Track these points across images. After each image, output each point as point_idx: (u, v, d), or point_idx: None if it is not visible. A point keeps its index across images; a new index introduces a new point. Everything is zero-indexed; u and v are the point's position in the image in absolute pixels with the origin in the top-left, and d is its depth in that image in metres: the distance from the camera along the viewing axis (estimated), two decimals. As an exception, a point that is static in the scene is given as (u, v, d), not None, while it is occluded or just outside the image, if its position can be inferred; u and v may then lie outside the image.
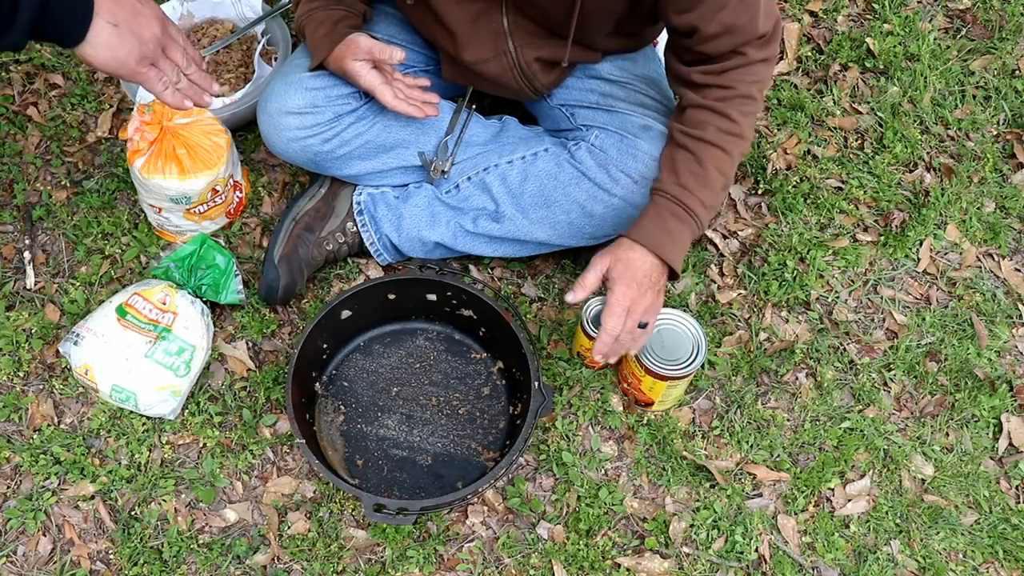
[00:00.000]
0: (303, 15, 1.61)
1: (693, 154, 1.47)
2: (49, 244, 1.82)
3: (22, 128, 1.94)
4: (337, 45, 1.56)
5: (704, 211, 1.47)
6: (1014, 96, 2.08)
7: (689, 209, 1.45)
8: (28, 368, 1.68)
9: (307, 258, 1.70)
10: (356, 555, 1.55)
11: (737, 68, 1.45)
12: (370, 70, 1.56)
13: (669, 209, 1.46)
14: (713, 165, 1.46)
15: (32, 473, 1.59)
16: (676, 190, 1.46)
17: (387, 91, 1.57)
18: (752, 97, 1.47)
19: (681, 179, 1.46)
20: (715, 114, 1.47)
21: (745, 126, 1.48)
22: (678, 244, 1.46)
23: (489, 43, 1.56)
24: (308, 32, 1.60)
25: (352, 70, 1.56)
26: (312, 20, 1.59)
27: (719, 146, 1.46)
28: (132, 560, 1.53)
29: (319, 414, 1.65)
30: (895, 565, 1.57)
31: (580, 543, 1.56)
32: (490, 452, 1.63)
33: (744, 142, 1.49)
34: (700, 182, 1.46)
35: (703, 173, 1.46)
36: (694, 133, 1.47)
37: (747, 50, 1.44)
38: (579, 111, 1.69)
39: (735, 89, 1.46)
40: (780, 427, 1.68)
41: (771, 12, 1.44)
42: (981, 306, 1.82)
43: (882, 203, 1.93)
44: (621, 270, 1.43)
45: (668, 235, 1.45)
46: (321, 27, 1.58)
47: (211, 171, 1.68)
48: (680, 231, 1.46)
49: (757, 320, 1.78)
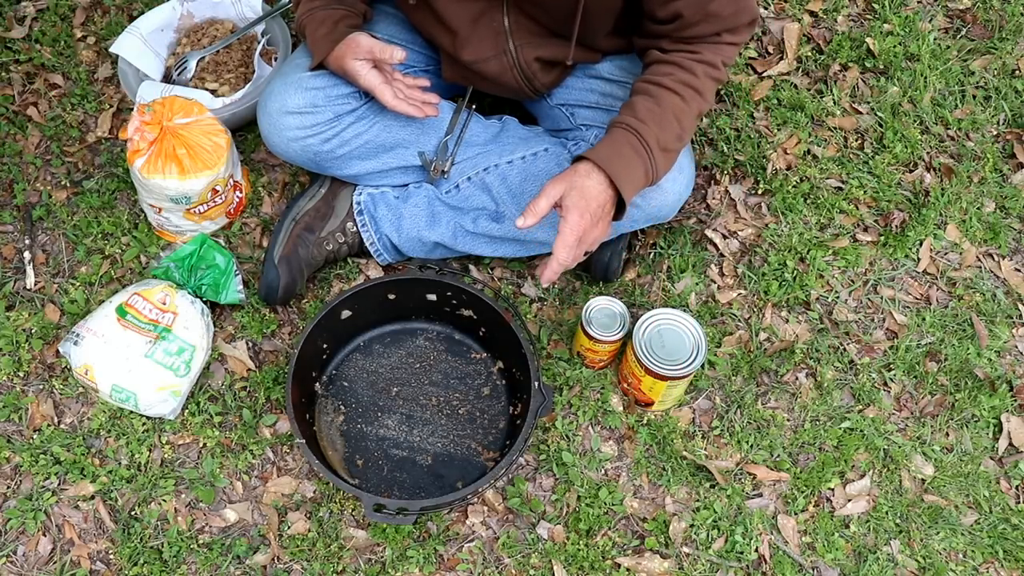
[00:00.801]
0: (303, 14, 1.61)
1: (652, 97, 1.46)
2: (49, 244, 1.82)
3: (22, 128, 1.94)
4: (338, 44, 1.56)
5: (659, 150, 1.45)
6: (1014, 96, 2.07)
7: (644, 141, 1.43)
8: (28, 368, 1.68)
9: (307, 258, 1.70)
10: (356, 555, 1.55)
11: (708, 43, 1.46)
12: (370, 69, 1.56)
13: (626, 138, 1.44)
14: (670, 109, 1.45)
15: (32, 473, 1.59)
16: (633, 122, 1.44)
17: (387, 91, 1.56)
18: (715, 65, 1.48)
19: (639, 114, 1.45)
20: (678, 67, 1.47)
21: (706, 86, 1.48)
22: (633, 175, 1.44)
23: (489, 42, 1.56)
24: (308, 31, 1.60)
25: (352, 69, 1.56)
26: (313, 19, 1.59)
27: (677, 93, 1.46)
28: (132, 560, 1.53)
29: (319, 414, 1.65)
30: (895, 565, 1.57)
31: (580, 543, 1.56)
32: (490, 452, 1.63)
33: (703, 100, 1.48)
34: (656, 120, 1.44)
35: (660, 112, 1.45)
36: (654, 79, 1.47)
37: (722, 33, 1.45)
38: (579, 111, 1.69)
39: (701, 54, 1.46)
40: (780, 427, 1.68)
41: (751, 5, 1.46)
42: (981, 306, 1.82)
43: (882, 203, 1.93)
44: (576, 198, 1.40)
45: (625, 163, 1.43)
46: (322, 26, 1.58)
47: (211, 171, 1.68)
48: (635, 163, 1.44)
49: (757, 320, 1.78)
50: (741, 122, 2.00)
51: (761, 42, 2.13)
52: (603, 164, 1.41)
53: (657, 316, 1.59)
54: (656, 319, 1.59)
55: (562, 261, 1.41)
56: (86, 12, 2.11)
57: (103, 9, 2.12)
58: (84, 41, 2.07)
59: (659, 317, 1.59)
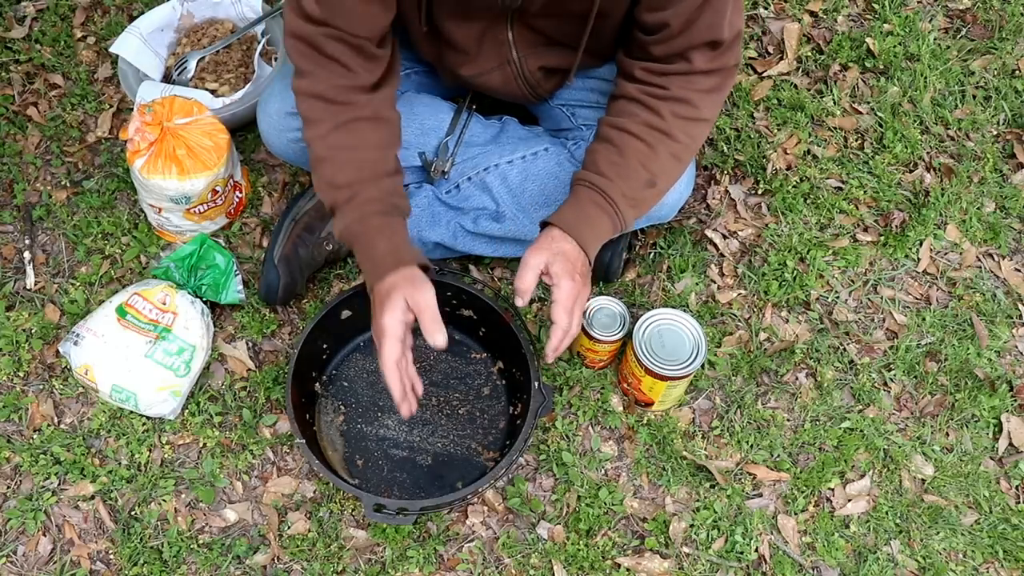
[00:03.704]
0: (353, 222, 1.40)
1: (615, 145, 1.43)
2: (49, 244, 1.82)
3: (22, 128, 1.95)
4: (402, 268, 1.37)
5: (626, 203, 1.42)
6: (1014, 96, 2.07)
7: (609, 198, 1.41)
8: (28, 368, 1.68)
9: (307, 258, 1.70)
10: (356, 555, 1.55)
11: (678, 74, 1.41)
12: (399, 340, 1.37)
13: (590, 197, 1.42)
14: (634, 157, 1.42)
15: (32, 473, 1.59)
16: (595, 178, 1.42)
17: (393, 353, 1.37)
18: (688, 101, 1.42)
19: (600, 168, 1.42)
20: (644, 107, 1.43)
21: (675, 127, 1.43)
22: (597, 233, 1.42)
23: (493, 54, 1.55)
24: (367, 241, 1.40)
25: (389, 318, 1.36)
26: (370, 227, 1.39)
27: (642, 139, 1.42)
28: (132, 560, 1.53)
29: (319, 414, 1.65)
30: (895, 565, 1.57)
31: (580, 543, 1.56)
32: (490, 452, 1.63)
33: (672, 141, 1.43)
34: (620, 172, 1.42)
35: (623, 163, 1.42)
36: (617, 123, 1.44)
37: (693, 56, 1.39)
38: (579, 111, 1.69)
39: (670, 91, 1.42)
40: (780, 427, 1.68)
41: (734, 23, 1.40)
42: (981, 306, 1.82)
43: (882, 203, 1.93)
44: (562, 264, 1.39)
45: (590, 225, 1.41)
46: (383, 238, 1.39)
47: (211, 171, 1.68)
48: (601, 221, 1.42)
49: (757, 320, 1.78)
50: (741, 122, 2.00)
51: (761, 42, 2.14)
52: (569, 230, 1.40)
53: (657, 316, 1.59)
54: (656, 319, 1.59)
55: (565, 328, 1.39)
56: (86, 12, 2.11)
57: (103, 9, 2.12)
58: (84, 41, 2.07)
59: (659, 317, 1.59)
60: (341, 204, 1.41)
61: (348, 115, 1.41)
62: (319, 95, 1.40)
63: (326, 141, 1.41)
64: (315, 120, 1.41)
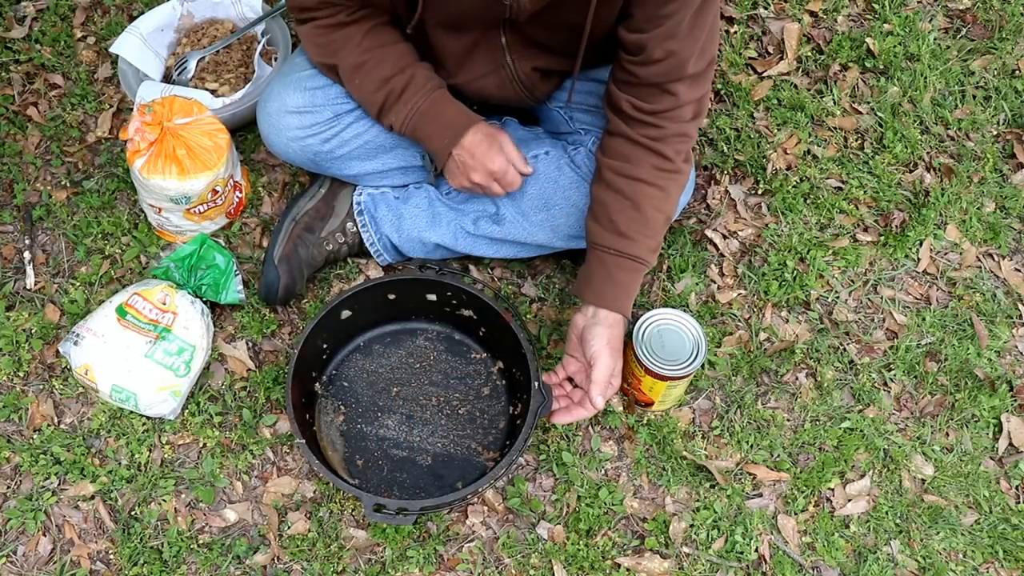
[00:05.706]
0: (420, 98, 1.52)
1: (628, 199, 1.45)
2: (49, 244, 1.82)
3: (22, 128, 1.95)
4: (479, 123, 1.54)
5: (650, 252, 1.49)
6: (1014, 96, 2.08)
7: (636, 258, 1.47)
8: (28, 368, 1.68)
9: (307, 258, 1.70)
10: (356, 555, 1.55)
11: (668, 111, 1.43)
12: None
13: (618, 264, 1.47)
14: (650, 206, 1.45)
15: (32, 473, 1.59)
16: (619, 243, 1.46)
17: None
18: (685, 135, 1.46)
19: (621, 228, 1.45)
20: (648, 152, 1.45)
21: (678, 161, 1.47)
22: (631, 293, 1.49)
23: (487, 59, 1.55)
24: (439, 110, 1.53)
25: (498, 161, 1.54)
26: (435, 100, 1.53)
27: (654, 184, 1.45)
28: (132, 560, 1.53)
29: (319, 414, 1.65)
30: (895, 565, 1.57)
31: (580, 543, 1.56)
32: (490, 452, 1.63)
33: (682, 176, 1.49)
34: (640, 229, 1.46)
35: (641, 218, 1.45)
36: (625, 171, 1.45)
37: (678, 88, 1.41)
38: (578, 115, 1.69)
39: (666, 129, 1.44)
40: (780, 427, 1.68)
41: (707, 51, 1.41)
42: (981, 306, 1.82)
43: (882, 203, 1.93)
44: (601, 345, 1.46)
45: (624, 291, 1.48)
46: (451, 104, 1.54)
47: (211, 171, 1.68)
48: (632, 282, 1.49)
49: (757, 320, 1.78)
50: (741, 122, 2.00)
51: (761, 42, 2.14)
52: (609, 306, 1.47)
53: (657, 316, 1.59)
54: (656, 319, 1.59)
55: (600, 407, 1.47)
56: (86, 12, 2.11)
57: (103, 9, 2.12)
58: (84, 41, 2.07)
59: (659, 317, 1.59)
60: (398, 91, 1.50)
61: (368, 23, 1.50)
62: (336, 25, 1.48)
63: (360, 46, 1.49)
64: (340, 45, 1.50)
